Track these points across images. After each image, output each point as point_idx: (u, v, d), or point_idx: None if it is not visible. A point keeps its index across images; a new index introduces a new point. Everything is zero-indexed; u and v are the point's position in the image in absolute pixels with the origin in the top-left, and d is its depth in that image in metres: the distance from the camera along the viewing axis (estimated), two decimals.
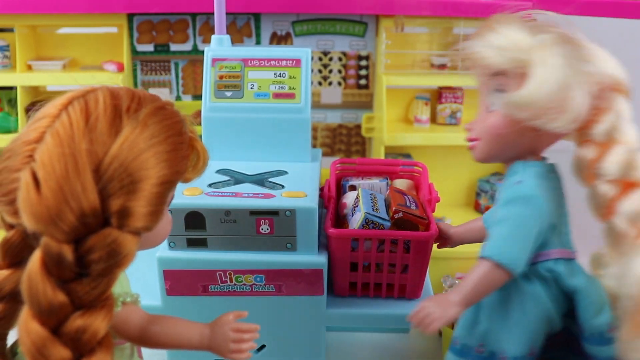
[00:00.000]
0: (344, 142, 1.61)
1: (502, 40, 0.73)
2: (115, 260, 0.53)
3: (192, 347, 0.69)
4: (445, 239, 0.95)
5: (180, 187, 0.94)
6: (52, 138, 0.52)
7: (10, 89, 1.48)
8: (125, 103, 0.56)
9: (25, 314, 0.51)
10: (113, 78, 1.43)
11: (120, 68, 1.44)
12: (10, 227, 0.56)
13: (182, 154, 0.59)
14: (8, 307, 0.58)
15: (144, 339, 0.69)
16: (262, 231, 0.91)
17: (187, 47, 1.51)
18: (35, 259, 0.51)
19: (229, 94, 1.06)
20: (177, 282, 0.92)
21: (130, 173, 0.53)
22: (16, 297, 0.56)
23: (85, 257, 0.51)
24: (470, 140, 0.80)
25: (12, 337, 0.65)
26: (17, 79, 1.42)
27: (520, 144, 0.77)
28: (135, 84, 1.53)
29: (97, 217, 0.52)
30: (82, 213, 0.51)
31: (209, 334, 0.69)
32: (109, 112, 0.54)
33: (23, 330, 0.51)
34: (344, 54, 1.53)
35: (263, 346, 0.97)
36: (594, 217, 0.78)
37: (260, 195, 0.92)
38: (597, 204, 0.76)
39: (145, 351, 1.17)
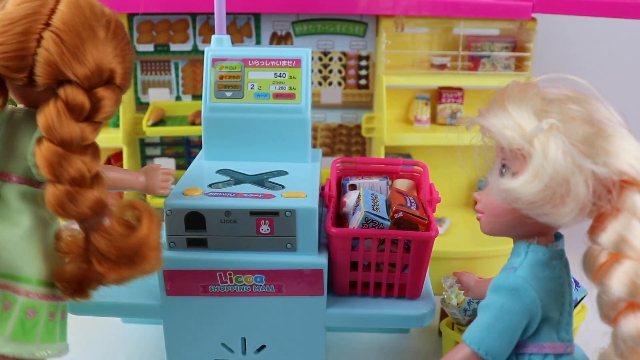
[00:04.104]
0: (344, 142, 1.61)
1: (507, 121, 0.68)
2: (113, 110, 0.73)
3: (135, 189, 0.88)
4: (466, 290, 0.94)
5: (180, 187, 0.94)
6: (68, 8, 0.67)
7: None
8: None
9: (43, 145, 0.67)
10: None
11: None
12: None
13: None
14: None
15: None
16: (262, 231, 0.91)
17: (187, 47, 1.51)
18: (55, 102, 0.68)
19: (229, 94, 1.06)
20: (177, 282, 0.92)
21: (124, 41, 0.73)
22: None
23: (95, 104, 0.69)
24: (477, 211, 0.78)
25: None
26: None
27: (523, 226, 0.72)
28: (135, 84, 1.53)
29: (106, 70, 0.70)
30: (99, 62, 0.69)
31: (145, 179, 0.89)
32: None
33: (42, 154, 0.67)
34: (344, 54, 1.54)
35: (263, 346, 0.97)
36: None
37: (260, 195, 0.92)
38: (603, 310, 0.68)
39: (144, 347, 1.17)
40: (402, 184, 1.11)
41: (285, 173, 1.02)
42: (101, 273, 0.71)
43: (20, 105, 0.76)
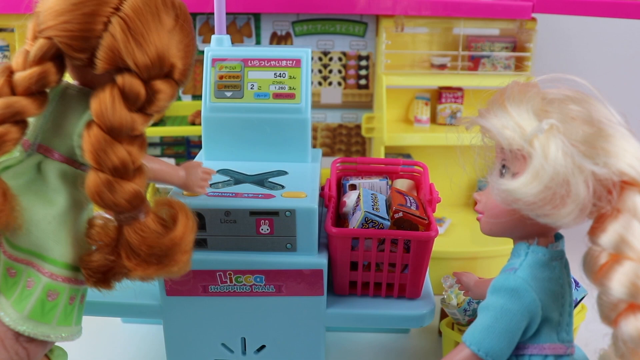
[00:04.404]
0: (344, 142, 1.61)
1: (507, 121, 0.68)
2: (167, 105, 0.72)
3: (173, 184, 0.87)
4: (466, 290, 0.94)
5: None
6: None
7: None
8: None
9: (92, 129, 0.66)
10: None
11: None
12: (39, 61, 0.68)
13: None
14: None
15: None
16: (262, 231, 0.91)
17: None
18: (111, 89, 0.67)
19: (229, 94, 1.06)
20: (177, 282, 0.92)
21: (189, 36, 0.73)
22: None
23: (150, 95, 0.69)
24: (477, 211, 0.77)
25: None
26: None
27: (523, 227, 0.72)
28: None
29: (167, 64, 0.69)
30: (162, 54, 0.68)
31: (185, 175, 0.87)
32: None
33: (89, 139, 0.66)
34: (344, 54, 1.54)
35: (263, 346, 0.97)
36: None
37: (260, 195, 0.92)
38: (603, 311, 0.67)
39: (144, 347, 1.17)
40: (402, 184, 1.12)
41: (285, 173, 1.02)
42: (128, 267, 0.70)
43: (74, 82, 0.75)
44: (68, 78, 0.74)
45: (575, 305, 1.06)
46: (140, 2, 0.67)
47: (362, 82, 1.56)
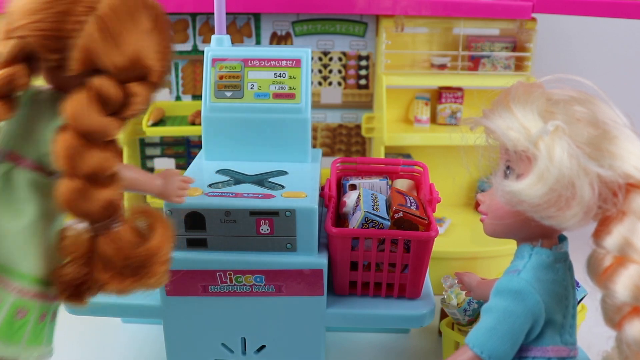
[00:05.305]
0: (344, 142, 1.61)
1: (512, 122, 0.68)
2: (143, 109, 0.69)
3: (149, 193, 0.82)
4: (468, 291, 0.93)
5: None
6: None
7: None
8: None
9: (64, 134, 0.63)
10: None
11: None
12: (9, 63, 0.65)
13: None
14: None
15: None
16: (262, 231, 0.91)
17: (187, 47, 1.51)
18: (85, 91, 0.64)
19: (229, 94, 1.06)
20: (177, 282, 0.92)
21: (167, 39, 0.71)
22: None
23: (126, 99, 0.66)
24: (481, 212, 0.77)
25: None
26: None
27: (527, 228, 0.72)
28: None
29: (144, 65, 0.66)
30: (138, 56, 0.65)
31: (162, 184, 0.83)
32: None
33: (61, 144, 0.63)
34: (344, 54, 1.53)
35: (263, 346, 0.97)
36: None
37: (260, 195, 0.92)
38: (607, 313, 0.67)
39: (144, 347, 1.17)
40: (402, 184, 1.11)
41: (285, 173, 1.02)
42: (102, 280, 0.67)
43: (46, 87, 0.71)
44: (41, 83, 0.72)
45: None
46: (116, 2, 0.64)
47: (362, 82, 1.56)
